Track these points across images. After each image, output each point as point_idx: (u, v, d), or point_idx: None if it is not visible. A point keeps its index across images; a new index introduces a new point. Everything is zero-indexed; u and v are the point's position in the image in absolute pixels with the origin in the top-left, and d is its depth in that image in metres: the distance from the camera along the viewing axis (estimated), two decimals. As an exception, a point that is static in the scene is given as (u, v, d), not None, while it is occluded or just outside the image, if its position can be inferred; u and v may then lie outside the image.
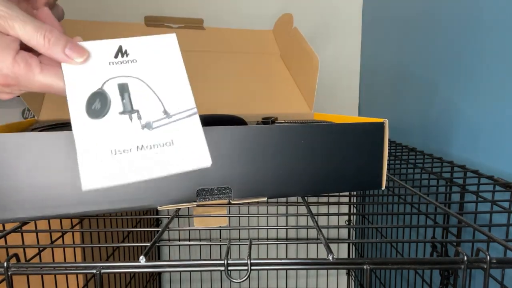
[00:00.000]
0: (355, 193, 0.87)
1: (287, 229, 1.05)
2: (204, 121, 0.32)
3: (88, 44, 0.31)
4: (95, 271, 0.26)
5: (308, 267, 0.27)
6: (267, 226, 0.46)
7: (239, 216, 0.38)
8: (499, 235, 0.31)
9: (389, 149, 0.65)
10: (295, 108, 0.63)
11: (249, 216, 0.38)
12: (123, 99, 0.30)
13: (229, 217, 0.41)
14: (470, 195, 0.49)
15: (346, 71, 1.01)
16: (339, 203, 0.43)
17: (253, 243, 0.29)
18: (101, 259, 0.68)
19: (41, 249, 0.44)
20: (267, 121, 0.51)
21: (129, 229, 0.34)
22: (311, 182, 0.39)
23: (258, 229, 0.77)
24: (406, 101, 0.78)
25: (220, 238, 1.01)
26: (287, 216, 0.86)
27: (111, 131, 0.29)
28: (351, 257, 1.02)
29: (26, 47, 0.29)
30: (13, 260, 0.26)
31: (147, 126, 0.30)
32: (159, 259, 1.03)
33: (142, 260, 0.26)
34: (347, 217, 1.04)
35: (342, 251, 1.07)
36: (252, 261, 0.26)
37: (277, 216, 0.37)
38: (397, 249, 0.75)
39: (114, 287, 0.71)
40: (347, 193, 0.85)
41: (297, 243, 0.86)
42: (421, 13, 0.71)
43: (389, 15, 0.85)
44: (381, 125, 0.40)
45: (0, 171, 0.31)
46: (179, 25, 0.72)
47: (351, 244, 1.04)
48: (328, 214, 0.38)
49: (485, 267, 0.26)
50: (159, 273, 1.03)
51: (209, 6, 0.94)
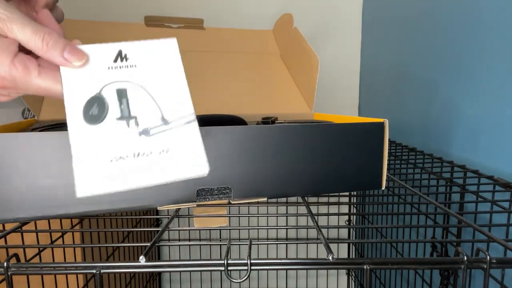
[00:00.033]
0: (355, 193, 0.87)
1: (287, 229, 1.05)
2: (204, 121, 0.32)
3: (87, 47, 0.30)
4: (95, 271, 0.26)
5: (308, 267, 0.27)
6: (267, 226, 0.46)
7: (239, 216, 0.38)
8: (499, 235, 0.31)
9: (389, 149, 0.65)
10: (295, 108, 0.63)
11: (249, 216, 0.38)
12: (121, 104, 0.29)
13: (229, 217, 0.41)
14: (470, 195, 0.49)
15: (346, 71, 1.01)
16: (339, 203, 0.43)
17: (253, 243, 0.29)
18: (101, 259, 0.68)
19: (41, 249, 0.44)
20: (267, 121, 0.51)
21: (129, 229, 0.34)
22: (311, 182, 0.39)
23: (258, 229, 0.77)
24: (406, 101, 0.78)
25: (220, 238, 1.01)
26: (287, 216, 0.86)
27: (108, 137, 0.28)
28: (351, 257, 1.02)
29: (25, 50, 0.29)
30: (13, 260, 0.26)
31: (145, 132, 0.29)
32: (159, 259, 1.03)
33: (142, 260, 0.26)
34: (347, 217, 1.04)
35: (342, 251, 1.07)
36: (252, 261, 0.26)
37: (277, 216, 0.37)
38: (397, 249, 0.75)
39: (114, 287, 0.71)
40: (347, 193, 0.85)
41: (297, 243, 0.86)
42: (421, 13, 0.71)
43: (389, 15, 0.85)
44: (381, 125, 0.40)
45: (0, 171, 0.31)
46: (179, 25, 0.72)
47: (351, 244, 1.04)
48: (328, 214, 0.38)
49: (485, 267, 0.26)
50: (159, 273, 1.03)
51: (209, 6, 0.94)
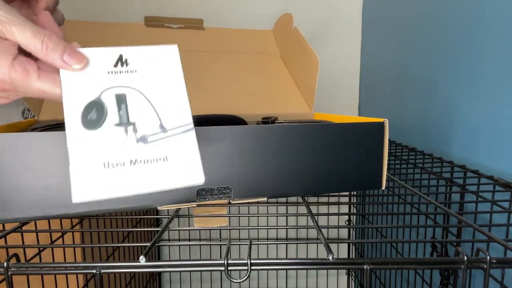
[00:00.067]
0: (355, 193, 0.87)
1: (287, 229, 1.05)
2: (204, 121, 0.32)
3: (87, 51, 0.30)
4: (95, 271, 0.26)
5: (308, 267, 0.27)
6: (267, 226, 0.46)
7: (239, 216, 0.38)
8: (499, 235, 0.31)
9: (389, 149, 0.65)
10: (295, 108, 0.63)
11: (249, 216, 0.38)
12: (120, 110, 0.29)
13: (229, 217, 0.41)
14: (470, 195, 0.49)
15: (346, 71, 1.01)
16: (339, 203, 0.43)
17: (253, 243, 0.29)
18: (101, 259, 0.68)
19: (41, 249, 0.44)
20: (267, 121, 0.51)
21: (129, 229, 0.34)
22: (311, 182, 0.39)
23: (258, 229, 0.77)
24: (406, 101, 0.78)
25: (220, 238, 1.01)
26: (287, 216, 0.86)
27: (105, 143, 0.28)
28: (351, 257, 1.02)
29: (24, 52, 0.29)
30: (13, 260, 0.26)
31: (142, 139, 0.29)
32: (159, 259, 1.03)
33: (142, 260, 0.26)
34: (347, 217, 1.04)
35: (342, 251, 1.07)
36: (252, 261, 0.26)
37: (277, 216, 0.37)
38: (397, 249, 0.75)
39: (114, 287, 0.71)
40: (347, 193, 0.85)
41: (297, 243, 0.86)
42: (421, 13, 0.71)
43: (389, 15, 0.85)
44: (381, 125, 0.40)
45: (0, 171, 0.31)
46: (179, 25, 0.72)
47: (351, 244, 1.04)
48: (328, 214, 0.38)
49: (485, 267, 0.26)
50: (159, 273, 1.03)
51: (209, 6, 0.94)
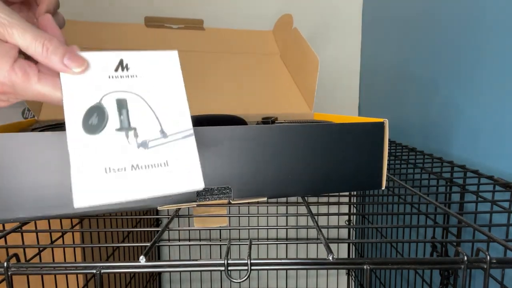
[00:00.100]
0: (355, 193, 0.87)
1: (287, 229, 1.05)
2: (204, 121, 0.32)
3: (88, 55, 0.30)
4: (95, 271, 0.26)
5: (308, 267, 0.27)
6: (267, 226, 0.46)
7: (239, 216, 0.38)
8: (499, 235, 0.31)
9: (389, 149, 0.65)
10: (295, 108, 0.63)
11: (249, 216, 0.38)
12: (121, 115, 0.29)
13: (229, 217, 0.41)
14: (470, 195, 0.49)
15: (346, 71, 1.01)
16: (339, 203, 0.43)
17: (253, 243, 0.29)
18: (101, 259, 0.68)
19: (41, 249, 0.44)
20: (267, 121, 0.51)
21: (129, 229, 0.34)
22: (311, 182, 0.39)
23: (258, 229, 0.77)
24: (406, 101, 0.78)
25: (220, 238, 1.01)
26: (287, 216, 0.86)
27: (106, 148, 0.28)
28: (351, 257, 1.02)
29: (25, 55, 0.29)
30: (13, 260, 0.26)
31: (143, 145, 0.29)
32: (159, 259, 1.03)
33: (142, 260, 0.26)
34: (347, 217, 1.04)
35: (342, 251, 1.07)
36: (252, 261, 0.26)
37: (277, 216, 0.37)
38: (397, 249, 0.75)
39: (114, 287, 0.71)
40: (347, 193, 0.85)
41: (297, 243, 0.86)
42: (421, 13, 0.71)
43: (389, 15, 0.85)
44: (381, 125, 0.40)
45: (0, 171, 0.31)
46: (179, 26, 0.72)
47: (351, 244, 1.04)
48: (328, 214, 0.38)
49: (485, 267, 0.26)
50: (159, 273, 1.03)
51: (209, 7, 0.94)
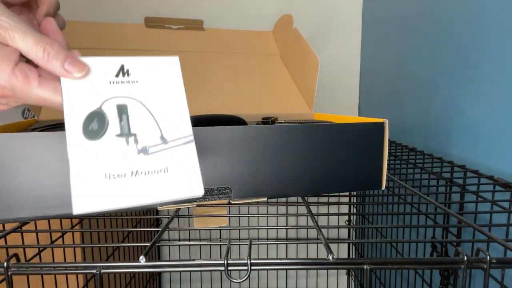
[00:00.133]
0: (355, 193, 0.87)
1: (287, 229, 1.05)
2: (204, 121, 0.32)
3: (89, 60, 0.30)
4: (95, 271, 0.26)
5: (308, 267, 0.27)
6: (267, 226, 0.46)
7: (239, 216, 0.38)
8: (499, 235, 0.31)
9: (389, 149, 0.65)
10: (295, 108, 0.63)
11: (249, 216, 0.38)
12: (121, 121, 0.29)
13: (229, 217, 0.41)
14: (470, 195, 0.49)
15: (346, 71, 1.01)
16: (339, 203, 0.43)
17: (253, 243, 0.29)
18: (101, 259, 0.68)
19: (41, 249, 0.44)
20: (267, 121, 0.51)
21: (129, 229, 0.34)
22: (311, 182, 0.39)
23: (258, 229, 0.77)
24: (406, 101, 0.78)
25: (220, 238, 1.01)
26: (287, 216, 0.86)
27: (106, 154, 0.28)
28: (351, 257, 1.02)
29: (26, 59, 0.29)
30: (13, 260, 0.26)
31: (143, 151, 0.29)
32: (159, 259, 1.03)
33: (142, 260, 0.26)
34: (347, 217, 1.04)
35: (342, 251, 1.07)
36: (252, 261, 0.26)
37: (277, 216, 0.37)
38: (397, 249, 0.75)
39: (114, 287, 0.71)
40: (347, 193, 0.85)
41: (297, 243, 0.86)
42: (421, 13, 0.71)
43: (389, 15, 0.85)
44: (381, 125, 0.40)
45: (0, 171, 0.31)
46: (179, 26, 0.73)
47: (351, 244, 1.04)
48: (328, 214, 0.38)
49: (485, 267, 0.26)
50: (159, 273, 1.03)
51: (209, 7, 0.94)
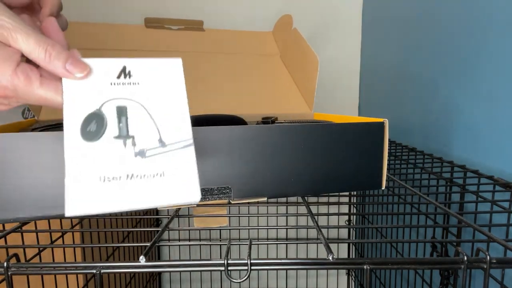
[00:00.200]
0: (355, 193, 0.87)
1: (287, 229, 1.05)
2: (204, 121, 0.32)
3: (91, 61, 0.29)
4: (95, 271, 0.26)
5: (308, 267, 0.27)
6: (267, 226, 0.46)
7: (239, 216, 0.38)
8: (499, 235, 0.31)
9: (389, 149, 0.65)
10: (295, 108, 0.63)
11: (249, 216, 0.38)
12: (120, 122, 0.29)
13: (229, 217, 0.41)
14: (470, 195, 0.49)
15: (346, 71, 1.01)
16: (339, 203, 0.43)
17: (253, 243, 0.29)
18: (101, 259, 0.68)
19: (41, 249, 0.44)
20: (267, 121, 0.51)
21: (129, 229, 0.34)
22: (311, 182, 0.39)
23: (258, 229, 0.77)
24: (406, 101, 0.78)
25: (220, 238, 1.01)
26: (287, 216, 0.86)
27: (103, 156, 0.28)
28: (351, 257, 1.02)
29: (27, 60, 0.29)
30: (13, 260, 0.26)
31: (140, 154, 0.28)
32: (159, 259, 1.03)
33: (142, 260, 0.26)
34: (347, 217, 1.04)
35: (342, 251, 1.07)
36: (252, 261, 0.26)
37: (277, 216, 0.37)
38: (397, 249, 0.75)
39: (114, 287, 0.71)
40: (347, 193, 0.85)
41: (297, 243, 0.86)
42: (421, 13, 0.71)
43: (389, 15, 0.85)
44: (381, 125, 0.40)
45: (0, 171, 0.31)
46: (179, 27, 0.73)
47: (351, 244, 1.04)
48: (328, 214, 0.38)
49: (485, 267, 0.26)
50: (159, 273, 1.03)
51: (209, 7, 0.94)
